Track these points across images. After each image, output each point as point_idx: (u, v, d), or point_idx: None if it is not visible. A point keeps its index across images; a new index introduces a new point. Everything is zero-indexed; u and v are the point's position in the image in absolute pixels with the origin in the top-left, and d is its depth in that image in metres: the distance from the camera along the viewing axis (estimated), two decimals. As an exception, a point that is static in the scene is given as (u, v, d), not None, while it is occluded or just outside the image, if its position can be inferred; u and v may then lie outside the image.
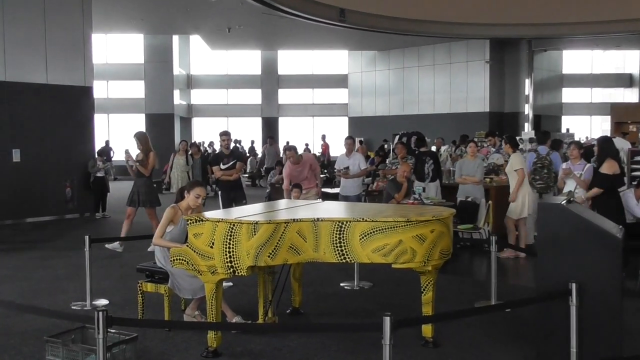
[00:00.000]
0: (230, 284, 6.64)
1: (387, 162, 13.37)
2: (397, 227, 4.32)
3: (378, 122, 26.12)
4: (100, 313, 3.37)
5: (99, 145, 18.31)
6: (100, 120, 20.97)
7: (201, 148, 23.95)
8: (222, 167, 8.39)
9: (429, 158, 10.20)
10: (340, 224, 4.37)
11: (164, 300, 5.22)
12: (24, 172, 12.11)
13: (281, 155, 17.72)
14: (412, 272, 4.75)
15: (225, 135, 8.46)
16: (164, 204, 12.00)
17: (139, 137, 8.79)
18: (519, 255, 8.23)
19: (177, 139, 24.24)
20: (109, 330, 3.44)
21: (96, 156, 13.17)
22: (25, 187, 12.12)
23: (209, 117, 28.61)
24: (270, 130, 27.67)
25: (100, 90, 23.61)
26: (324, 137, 23.48)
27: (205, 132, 27.33)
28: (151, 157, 8.59)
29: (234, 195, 8.36)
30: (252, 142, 23.72)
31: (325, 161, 21.95)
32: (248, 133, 24.97)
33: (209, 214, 4.74)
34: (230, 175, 8.36)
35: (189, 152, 14.13)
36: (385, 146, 21.36)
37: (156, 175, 12.14)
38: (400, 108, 25.69)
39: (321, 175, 15.74)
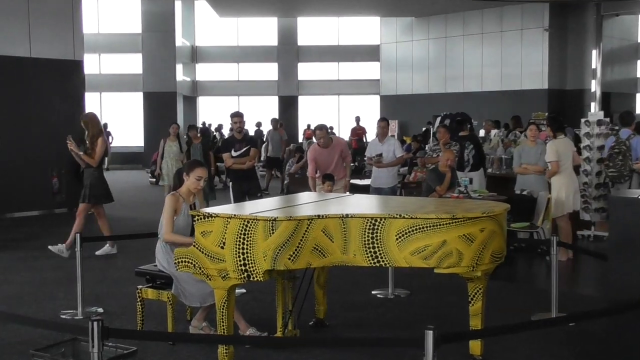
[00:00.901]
0: (244, 290, 6.67)
1: (426, 148, 13.32)
2: (440, 225, 4.29)
3: (415, 101, 25.99)
4: (95, 323, 3.41)
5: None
6: (91, 100, 21.18)
7: (214, 133, 24.07)
8: (234, 154, 8.42)
9: (469, 143, 10.13)
10: (373, 222, 4.36)
11: (166, 309, 5.26)
12: (3, 161, 12.26)
13: (285, 139, 17.58)
14: (457, 279, 4.72)
15: (237, 117, 8.49)
16: (156, 197, 12.27)
17: (85, 119, 8.76)
18: (569, 256, 8.32)
19: (181, 121, 24.43)
20: (104, 343, 3.48)
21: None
22: (6, 178, 12.29)
23: (217, 96, 28.76)
24: (288, 110, 27.73)
25: (92, 65, 23.87)
26: (358, 119, 23.23)
27: (213, 114, 27.50)
28: (99, 143, 8.52)
29: (247, 187, 8.39)
30: (259, 124, 23.48)
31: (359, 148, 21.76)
32: (262, 114, 25.02)
33: (219, 209, 4.76)
34: (242, 164, 8.39)
35: (185, 137, 14.10)
36: (423, 129, 21.32)
37: (143, 164, 12.25)
38: (442, 85, 25.52)
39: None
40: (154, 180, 12.47)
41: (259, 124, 23.44)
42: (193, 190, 5.26)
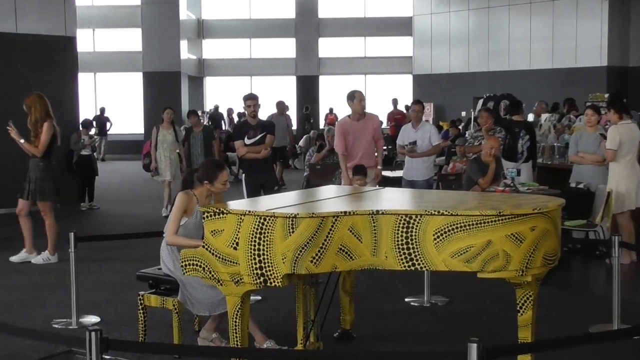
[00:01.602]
0: (260, 297, 6.69)
1: (466, 135, 13.23)
2: (485, 223, 4.27)
3: (453, 81, 25.86)
4: (93, 334, 3.45)
5: (84, 114, 18.67)
6: (85, 81, 21.36)
7: (228, 118, 24.03)
8: (247, 142, 8.44)
9: (525, 131, 10.06)
10: (407, 219, 4.34)
11: (172, 318, 5.30)
12: (-14, 150, 12.36)
13: (294, 127, 17.42)
14: (504, 284, 4.70)
15: (250, 99, 8.50)
16: (159, 191, 12.31)
17: (28, 101, 8.54)
18: (632, 258, 8.27)
19: (186, 105, 24.56)
20: (103, 356, 3.51)
21: (80, 128, 13.39)
22: (-11, 169, 12.40)
23: (226, 76, 28.87)
24: (308, 92, 27.73)
25: (85, 41, 24.04)
26: (396, 102, 23.01)
27: (222, 96, 27.60)
28: (44, 129, 8.37)
29: (262, 180, 8.41)
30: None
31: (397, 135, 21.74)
32: (278, 97, 25.05)
33: (231, 205, 4.78)
34: (257, 152, 8.41)
35: (183, 126, 13.81)
36: (463, 113, 21.25)
37: (131, 156, 12.19)
38: (484, 62, 25.36)
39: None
40: (153, 174, 12.25)
41: (282, 104, 23.36)
42: (220, 192, 5.29)
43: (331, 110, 25.16)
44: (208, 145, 11.99)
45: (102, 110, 24.20)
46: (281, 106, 16.18)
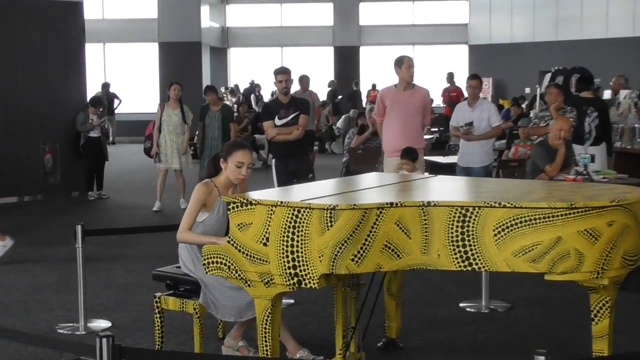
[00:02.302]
0: (292, 301, 6.71)
1: (531, 115, 13.13)
2: (554, 216, 4.24)
3: (516, 52, 25.68)
4: (104, 340, 3.48)
5: (92, 90, 18.85)
6: (93, 53, 21.54)
7: (254, 96, 24.05)
8: (278, 122, 8.45)
9: (593, 109, 9.97)
10: (463, 212, 4.33)
11: (192, 324, 5.32)
12: (-18, 132, 12.51)
13: (319, 104, 17.35)
14: (576, 288, 4.67)
15: (282, 74, 8.50)
16: (169, 179, 12.35)
17: None
18: None
19: (207, 80, 24.66)
20: (116, 365, 3.55)
21: (89, 107, 13.47)
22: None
23: (253, 46, 28.94)
24: (347, 65, 27.67)
25: (93, 8, 24.23)
26: (452, 77, 22.82)
27: (248, 70, 27.68)
28: None
29: (295, 166, 8.43)
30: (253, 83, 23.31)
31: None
32: (313, 70, 25.05)
33: (260, 194, 4.79)
34: (289, 134, 8.41)
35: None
36: (528, 90, 21.05)
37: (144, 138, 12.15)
38: (553, 30, 25.14)
39: (428, 136, 15.65)
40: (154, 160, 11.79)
41: (333, 84, 23.42)
42: (234, 180, 5.27)
43: (374, 86, 25.12)
44: (225, 128, 11.78)
45: (106, 85, 24.12)
46: (305, 81, 16.10)
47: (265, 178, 8.97)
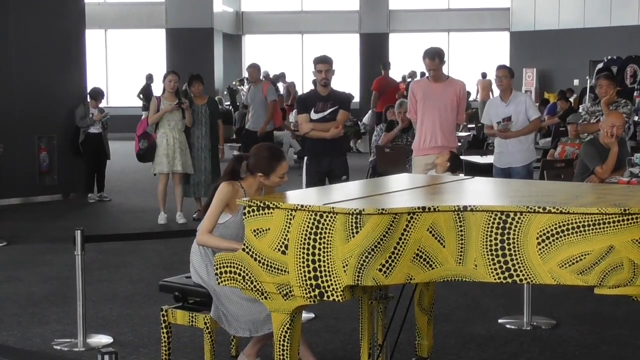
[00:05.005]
0: (313, 315, 6.72)
1: (580, 110, 13.08)
2: (605, 223, 4.21)
3: (564, 40, 25.60)
4: (106, 357, 3.48)
5: (92, 80, 18.86)
6: (94, 40, 21.64)
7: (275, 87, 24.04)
8: (314, 116, 8.41)
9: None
10: (503, 217, 4.31)
11: (203, 340, 5.32)
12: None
13: (272, 99, 17.31)
14: (629, 303, 4.64)
15: (322, 63, 8.35)
16: (154, 181, 12.34)
17: None
18: None
19: (220, 69, 24.71)
20: (119, 385, 3.56)
21: (88, 100, 13.52)
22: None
23: (271, 33, 28.97)
24: (375, 53, 27.64)
25: (94, -10, 24.36)
26: (485, 76, 22.92)
27: (265, 59, 27.67)
28: None
29: (329, 167, 8.40)
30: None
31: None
32: (337, 60, 25.11)
33: (279, 197, 4.80)
34: (326, 131, 8.40)
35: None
36: (576, 82, 20.97)
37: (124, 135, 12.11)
38: (605, 16, 25.04)
39: (464, 133, 15.59)
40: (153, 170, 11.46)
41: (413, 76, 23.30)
42: (274, 185, 5.36)
43: (403, 77, 25.07)
44: (213, 125, 11.41)
45: (150, 77, 23.59)
46: (255, 70, 16.14)
47: (293, 179, 8.82)
